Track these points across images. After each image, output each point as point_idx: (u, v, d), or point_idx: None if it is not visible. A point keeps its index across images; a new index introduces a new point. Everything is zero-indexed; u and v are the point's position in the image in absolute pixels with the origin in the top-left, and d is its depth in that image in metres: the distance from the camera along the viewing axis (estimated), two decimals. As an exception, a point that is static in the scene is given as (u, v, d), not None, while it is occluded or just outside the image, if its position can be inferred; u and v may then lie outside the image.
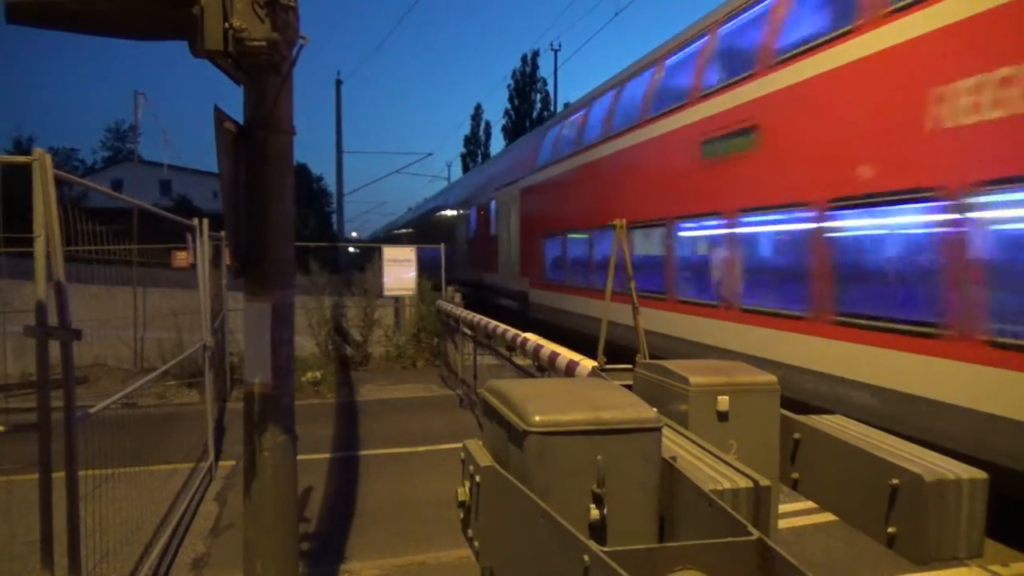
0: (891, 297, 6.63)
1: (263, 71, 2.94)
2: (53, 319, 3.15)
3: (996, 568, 4.93)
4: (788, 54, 7.85)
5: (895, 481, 2.65)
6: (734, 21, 9.43)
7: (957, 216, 5.67)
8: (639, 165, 11.81)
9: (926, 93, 5.93)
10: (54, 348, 3.18)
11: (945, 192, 5.73)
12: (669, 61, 11.36)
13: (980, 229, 5.55)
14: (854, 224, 7.06)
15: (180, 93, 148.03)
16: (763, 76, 8.26)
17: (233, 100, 3.29)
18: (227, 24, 2.51)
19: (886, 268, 6.87)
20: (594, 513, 2.35)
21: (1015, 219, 5.40)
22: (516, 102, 58.73)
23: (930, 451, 2.86)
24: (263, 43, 2.55)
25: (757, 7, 8.86)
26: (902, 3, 6.27)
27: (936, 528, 2.57)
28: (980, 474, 2.61)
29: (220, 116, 2.95)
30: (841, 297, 7.02)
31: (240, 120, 3.17)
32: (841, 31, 7.04)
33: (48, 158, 3.12)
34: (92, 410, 3.73)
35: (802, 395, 6.97)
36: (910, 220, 6.49)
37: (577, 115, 16.03)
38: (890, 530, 2.68)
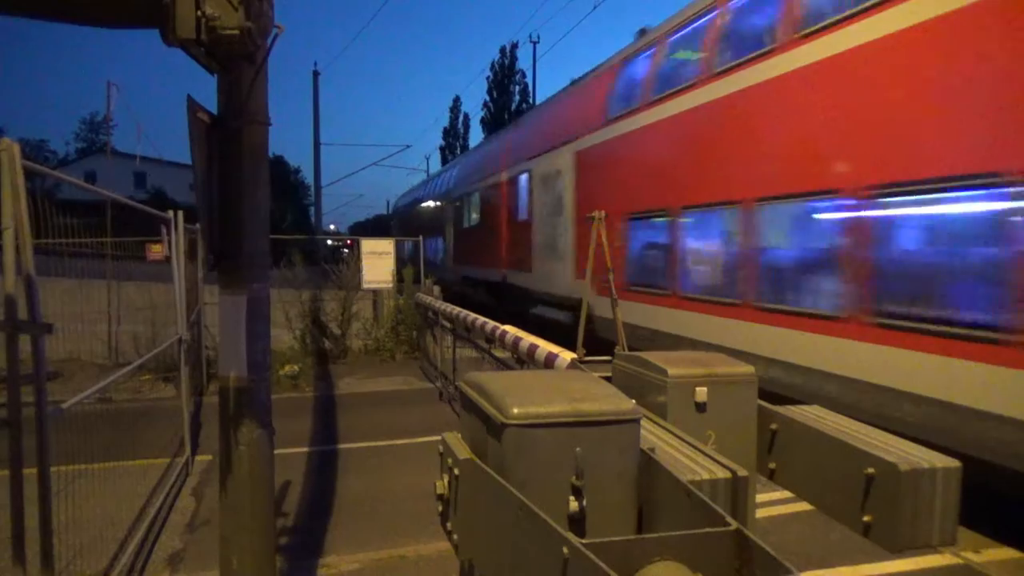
0: None
1: (237, 60, 2.89)
2: (23, 313, 3.10)
3: (969, 555, 5.02)
4: None
5: (870, 470, 2.67)
6: None
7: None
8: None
9: None
10: (25, 343, 3.13)
11: None
12: None
13: None
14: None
15: (157, 84, 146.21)
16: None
17: (209, 91, 3.24)
18: (199, 12, 2.47)
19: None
20: (573, 505, 2.35)
21: None
22: (495, 94, 58.71)
23: (905, 440, 2.89)
24: (236, 31, 2.51)
25: None
26: None
27: (910, 516, 2.59)
28: (954, 463, 2.64)
29: (193, 106, 2.90)
30: None
31: (214, 110, 3.13)
32: None
33: (16, 148, 3.06)
34: (64, 405, 3.68)
35: None
36: None
37: (702, 20, 9.44)
38: (865, 519, 2.70)
